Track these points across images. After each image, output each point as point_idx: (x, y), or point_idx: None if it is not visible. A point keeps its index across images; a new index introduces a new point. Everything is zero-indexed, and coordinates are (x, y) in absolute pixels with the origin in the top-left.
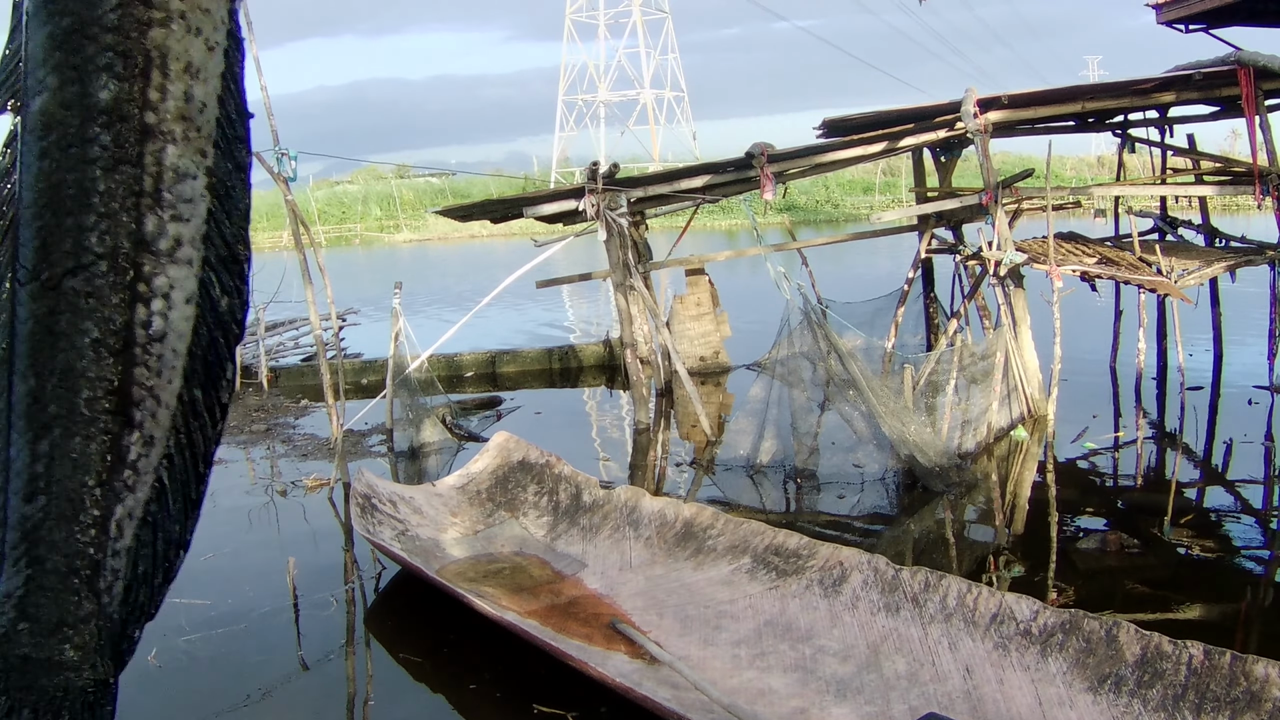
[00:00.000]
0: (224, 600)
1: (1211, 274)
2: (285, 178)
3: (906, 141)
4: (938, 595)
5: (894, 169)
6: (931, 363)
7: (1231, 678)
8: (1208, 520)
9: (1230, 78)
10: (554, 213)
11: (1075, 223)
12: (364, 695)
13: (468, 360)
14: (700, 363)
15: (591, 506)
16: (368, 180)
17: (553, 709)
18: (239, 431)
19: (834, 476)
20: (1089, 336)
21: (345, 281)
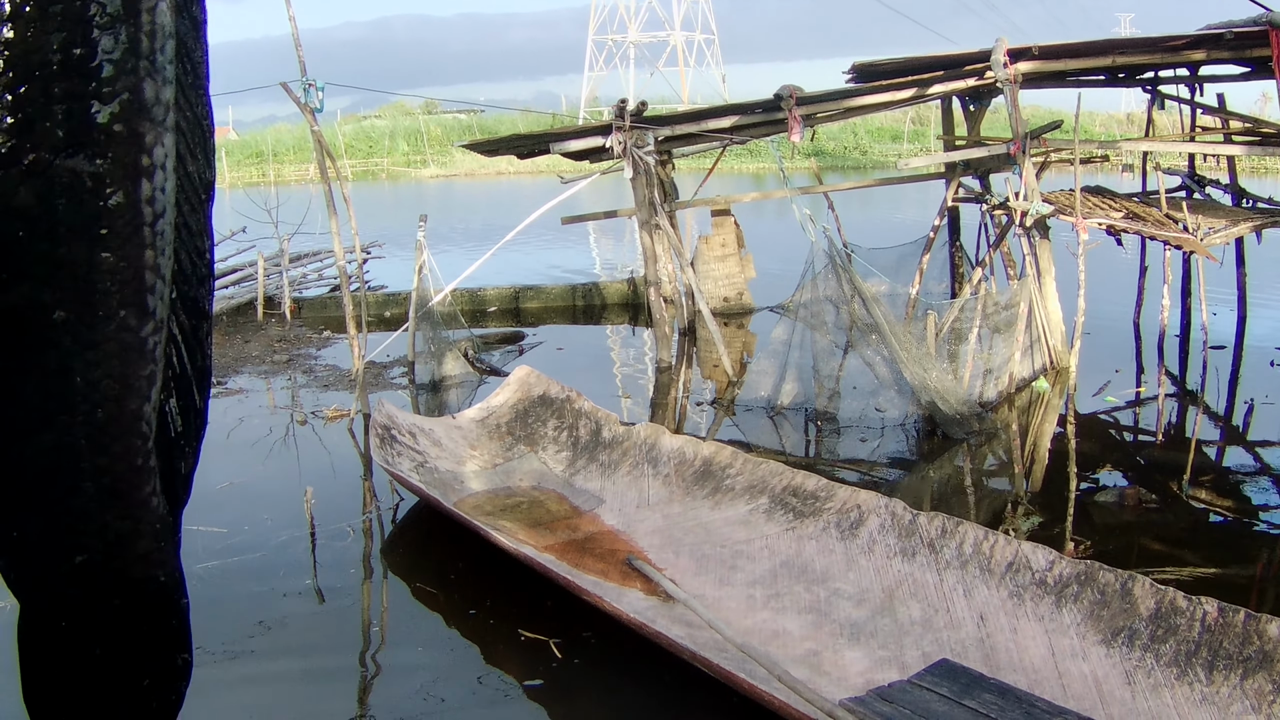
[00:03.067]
0: (241, 528)
1: (1238, 233)
2: (312, 109)
3: (936, 89)
4: (954, 542)
5: (923, 118)
6: (955, 311)
7: (1245, 636)
8: (1227, 480)
9: (1262, 38)
10: (581, 149)
11: (1103, 178)
12: (379, 625)
13: (491, 295)
14: (724, 303)
15: (611, 443)
16: (395, 115)
17: (538, 635)
18: (260, 361)
19: (854, 420)
20: (1113, 291)
21: (371, 215)
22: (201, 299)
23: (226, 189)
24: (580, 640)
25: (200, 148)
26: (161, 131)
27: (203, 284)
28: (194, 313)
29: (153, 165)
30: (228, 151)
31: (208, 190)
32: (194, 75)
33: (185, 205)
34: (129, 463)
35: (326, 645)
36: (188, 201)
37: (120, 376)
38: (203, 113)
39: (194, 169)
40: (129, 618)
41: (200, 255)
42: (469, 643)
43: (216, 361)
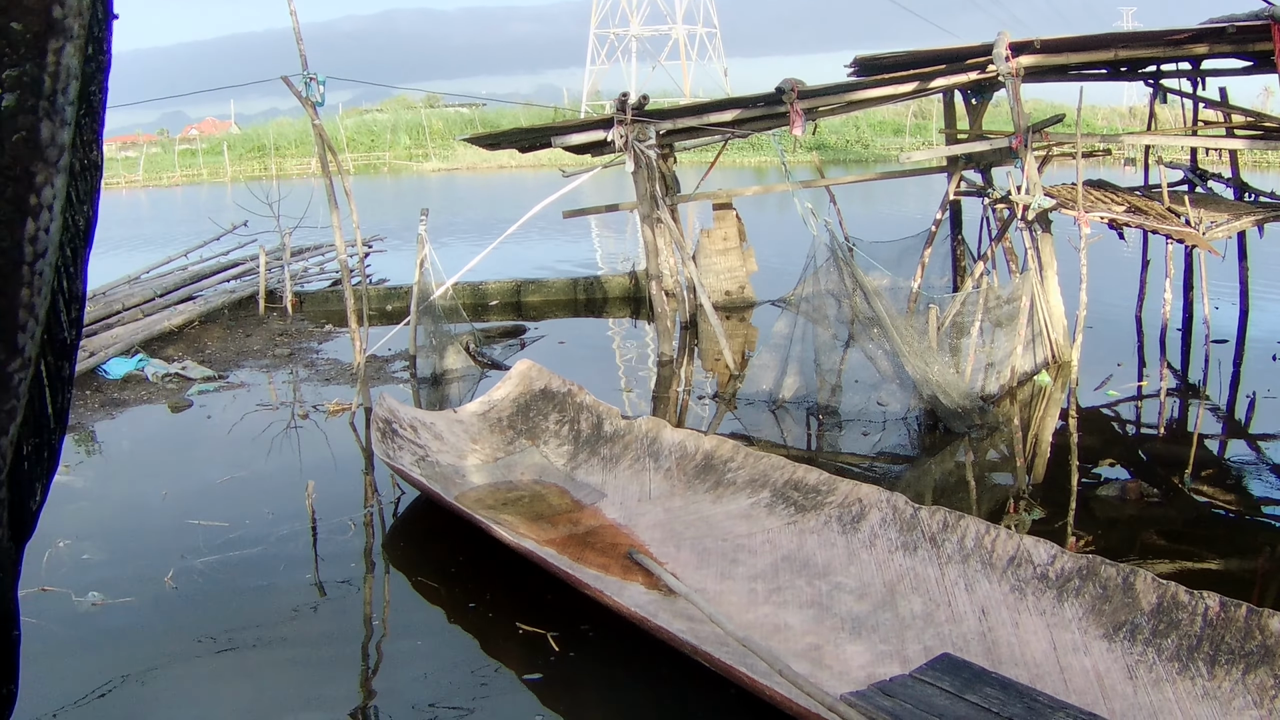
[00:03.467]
0: (242, 522)
1: (1240, 228)
2: (313, 102)
3: (938, 82)
4: (956, 536)
5: (925, 112)
6: (957, 304)
7: (1247, 631)
8: (1228, 474)
9: (1264, 32)
10: (582, 143)
11: (1105, 171)
12: (380, 619)
13: (493, 289)
14: (725, 297)
15: (612, 436)
16: (397, 109)
17: (538, 628)
18: (261, 355)
19: (856, 414)
20: (1115, 285)
21: (372, 209)
22: (70, 340)
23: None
24: (580, 633)
25: (88, 191)
26: (53, 173)
27: (73, 326)
28: (60, 353)
29: (39, 205)
30: (230, 145)
31: (88, 235)
32: (91, 119)
33: (67, 248)
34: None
35: (327, 638)
36: (69, 244)
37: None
38: (95, 158)
39: (79, 213)
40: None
41: (74, 298)
42: (470, 636)
43: (218, 355)
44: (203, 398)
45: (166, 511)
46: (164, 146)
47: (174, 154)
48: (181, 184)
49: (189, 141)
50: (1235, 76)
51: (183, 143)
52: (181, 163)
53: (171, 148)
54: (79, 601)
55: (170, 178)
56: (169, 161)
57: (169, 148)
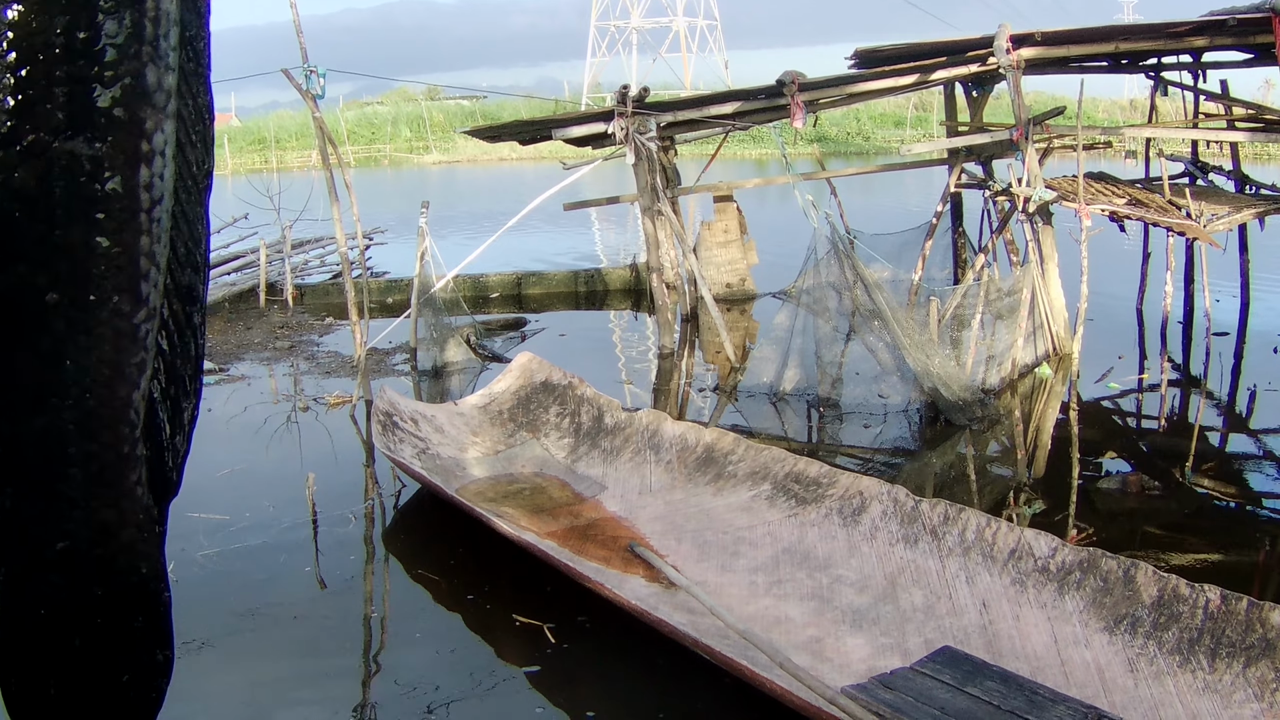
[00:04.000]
0: (243, 515)
1: (1241, 220)
2: (314, 95)
3: (938, 75)
4: (957, 528)
5: (926, 104)
6: (958, 297)
7: (1248, 624)
8: (1229, 467)
9: (1265, 25)
10: (583, 135)
11: (1105, 164)
12: (381, 612)
13: (493, 281)
14: (726, 289)
15: (613, 429)
16: (398, 102)
17: (538, 620)
18: (262, 348)
19: (857, 407)
20: (1116, 277)
21: (373, 201)
22: (196, 286)
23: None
24: (578, 625)
25: (200, 136)
26: (162, 118)
27: (198, 271)
28: (188, 300)
29: (152, 151)
30: (230, 138)
31: (206, 178)
32: (196, 63)
33: (183, 193)
34: (116, 450)
35: (327, 631)
36: (185, 189)
37: (112, 362)
38: (204, 101)
39: (193, 157)
40: (110, 608)
41: (196, 243)
42: (470, 629)
43: (218, 348)
44: (204, 390)
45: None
46: None
47: None
48: None
49: None
50: (1236, 69)
51: None
52: None
53: None
54: None
55: None
56: None
57: None
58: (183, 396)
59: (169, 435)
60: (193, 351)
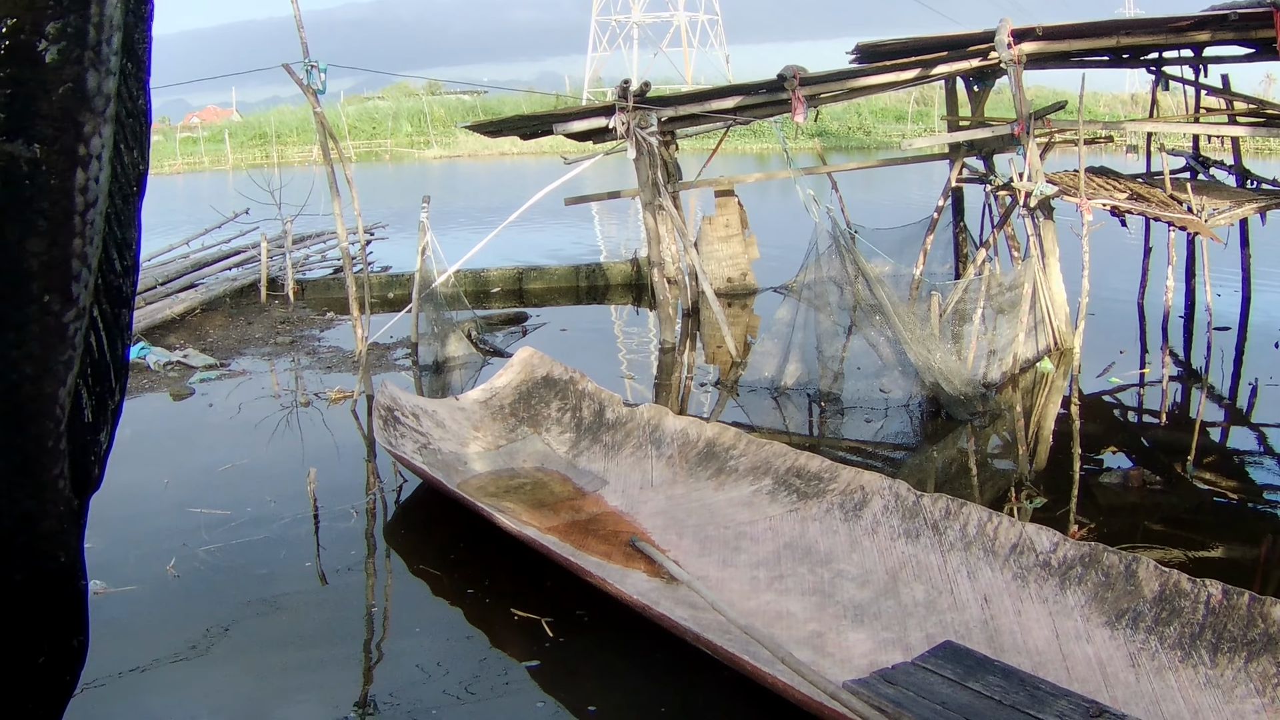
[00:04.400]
0: (244, 510)
1: (1242, 214)
2: (315, 90)
3: (939, 69)
4: (958, 523)
5: (927, 99)
6: (959, 291)
7: (1249, 619)
8: (1231, 461)
9: (1266, 20)
10: (584, 130)
11: (1107, 158)
12: (381, 607)
13: (495, 276)
14: (727, 284)
15: (614, 424)
16: (399, 96)
17: (538, 614)
18: (263, 343)
19: (858, 401)
20: (1117, 272)
21: (374, 196)
22: (125, 288)
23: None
24: (576, 619)
25: (137, 140)
26: (101, 122)
27: (127, 274)
28: (116, 301)
29: (89, 155)
30: (231, 133)
31: (139, 182)
32: (136, 66)
33: (117, 196)
34: (40, 444)
35: (328, 626)
36: (120, 193)
37: (40, 359)
38: (142, 105)
39: (128, 160)
40: (28, 596)
41: (127, 246)
42: (471, 624)
43: (220, 343)
44: (204, 385)
45: (168, 499)
46: (165, 134)
47: (175, 141)
48: (183, 172)
49: (190, 129)
50: (1237, 64)
51: (184, 130)
52: (183, 150)
53: (173, 135)
54: None
55: (172, 165)
56: (170, 149)
57: (170, 135)
58: (107, 394)
59: (92, 431)
60: (119, 351)
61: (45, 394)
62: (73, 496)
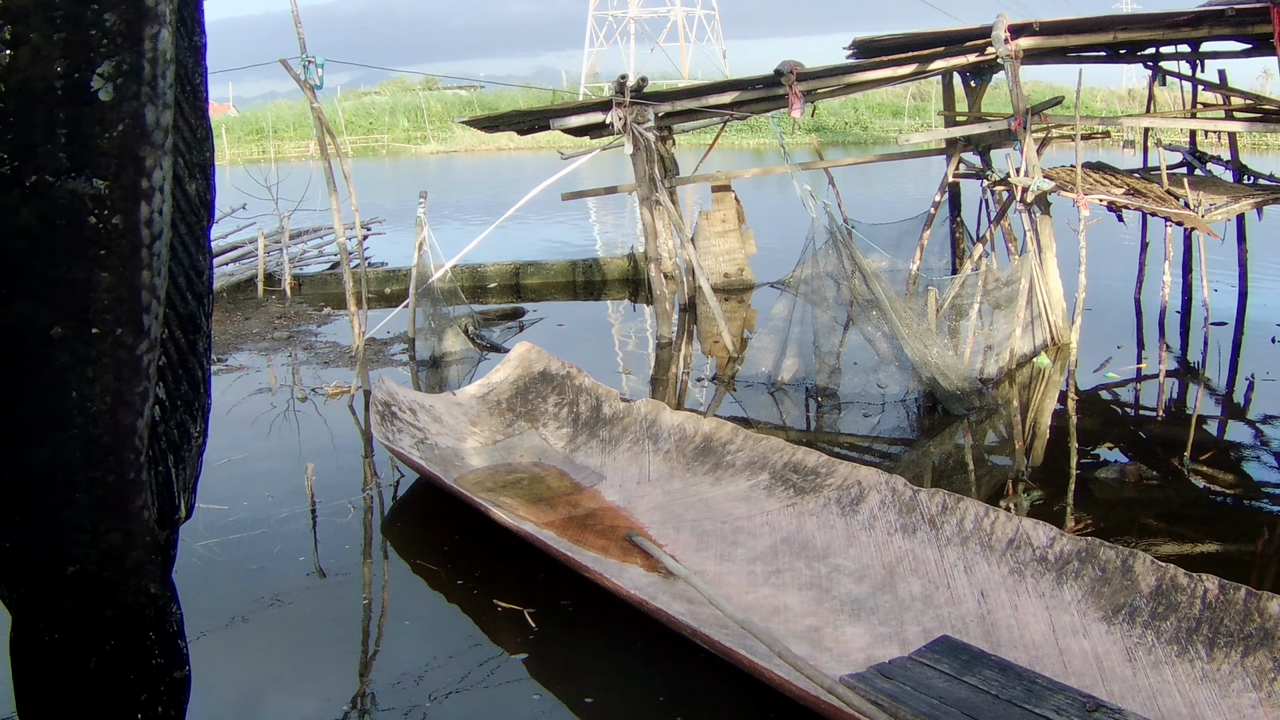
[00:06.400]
0: (241, 505)
1: (1239, 210)
2: (312, 85)
3: (936, 65)
4: (955, 518)
5: (924, 94)
6: (956, 286)
7: (1246, 613)
8: (1227, 456)
9: (1263, 15)
10: (581, 125)
11: (1104, 153)
12: (379, 602)
13: (491, 271)
14: (724, 279)
15: (611, 419)
16: (395, 92)
17: (527, 606)
18: (260, 338)
19: (855, 396)
20: (1114, 267)
21: (371, 191)
22: (198, 315)
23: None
24: (579, 612)
25: (199, 168)
26: (160, 155)
27: (200, 300)
28: (190, 328)
29: (151, 188)
30: (228, 128)
31: (207, 210)
32: (193, 98)
33: (182, 225)
34: (121, 476)
35: (325, 620)
36: (184, 221)
37: (115, 392)
38: (202, 134)
39: (192, 189)
40: (122, 630)
41: (198, 273)
42: (469, 618)
43: (216, 338)
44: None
45: None
46: None
47: None
48: None
49: None
50: (1234, 59)
51: None
52: None
53: None
54: None
55: None
56: None
57: None
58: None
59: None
60: (198, 378)
61: (123, 426)
62: (158, 528)
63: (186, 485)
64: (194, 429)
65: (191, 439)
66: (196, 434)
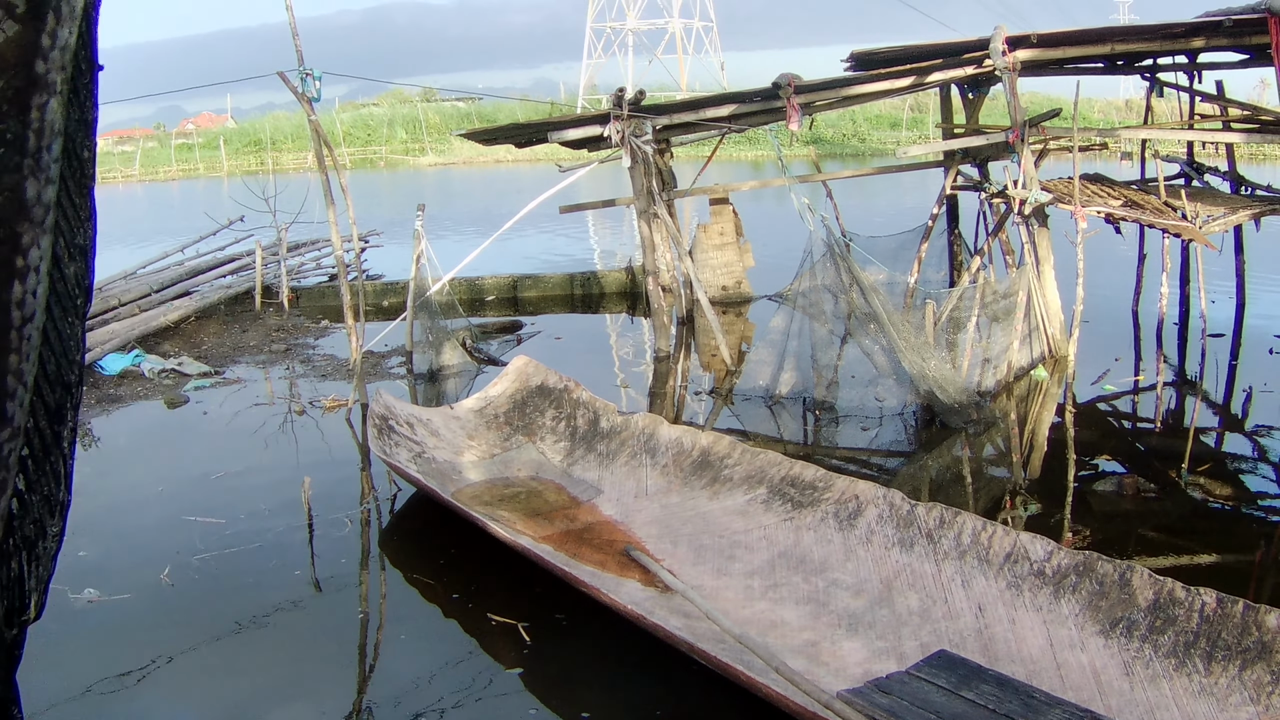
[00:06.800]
0: (238, 519)
1: (1236, 221)
2: (309, 98)
3: (934, 77)
4: (952, 532)
5: (922, 105)
6: (954, 299)
7: (1243, 627)
8: (1225, 468)
9: (1260, 25)
10: (579, 138)
11: (1101, 165)
12: (377, 616)
13: (489, 284)
14: (722, 292)
15: (609, 433)
16: (393, 103)
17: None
18: (258, 351)
19: (852, 410)
20: (1112, 279)
21: (369, 203)
22: (65, 405)
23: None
24: (577, 626)
25: (80, 251)
26: (39, 233)
27: (69, 390)
28: (56, 419)
29: (26, 267)
30: (226, 140)
31: (85, 294)
32: (79, 174)
33: (57, 309)
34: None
35: (322, 635)
36: (59, 305)
37: None
38: (86, 214)
39: (70, 271)
40: None
41: (69, 361)
42: (466, 632)
43: (214, 351)
44: (199, 393)
45: (163, 507)
46: (160, 141)
47: (170, 148)
48: (178, 179)
49: (185, 136)
50: (1232, 70)
51: (179, 137)
52: (178, 157)
53: (168, 142)
54: (75, 598)
55: (166, 172)
56: (165, 156)
57: (165, 142)
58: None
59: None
60: (60, 472)
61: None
62: (5, 626)
63: (39, 584)
64: (51, 526)
65: (48, 536)
66: (54, 532)
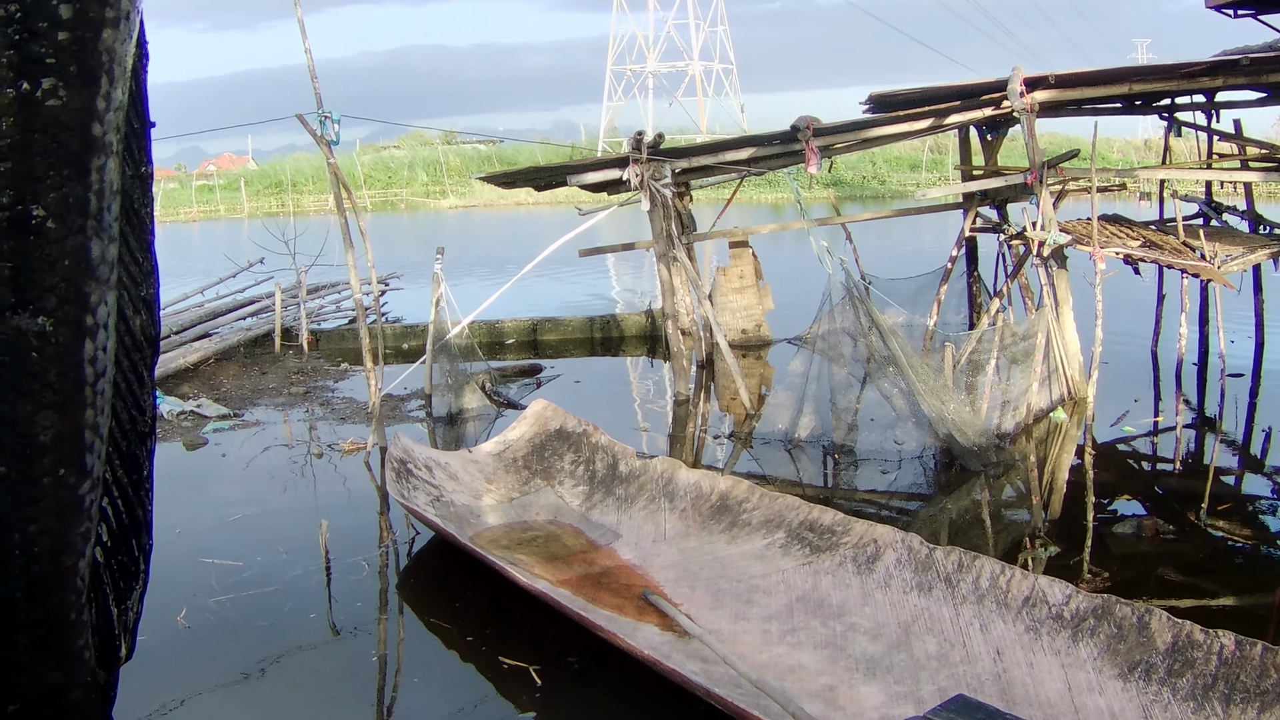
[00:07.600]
0: (255, 561)
1: (1255, 260)
2: (328, 140)
3: (953, 119)
4: (971, 576)
5: (941, 146)
6: (973, 341)
7: (1262, 669)
8: (1245, 509)
9: (1277, 64)
10: (598, 182)
11: (1120, 205)
12: (393, 660)
13: (509, 327)
14: (742, 335)
15: (628, 477)
16: (414, 146)
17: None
18: (277, 393)
19: (872, 453)
20: (1131, 320)
21: (389, 246)
22: (140, 454)
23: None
24: (597, 671)
25: (145, 304)
26: (105, 290)
27: (143, 440)
28: (133, 467)
29: (96, 324)
30: (247, 181)
31: (152, 345)
32: (139, 230)
33: (125, 361)
34: (63, 616)
35: (339, 679)
36: (128, 357)
37: (57, 533)
38: (148, 268)
39: (137, 324)
40: None
41: (141, 411)
42: (484, 677)
43: (233, 393)
44: (218, 435)
45: (180, 550)
46: (181, 182)
47: (191, 190)
48: (199, 220)
49: (206, 177)
50: (1249, 109)
51: (200, 178)
52: (199, 198)
53: (189, 183)
54: None
55: (188, 213)
56: (186, 197)
57: (186, 183)
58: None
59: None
60: (140, 518)
61: (64, 567)
62: (99, 669)
63: (128, 626)
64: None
65: (134, 580)
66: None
